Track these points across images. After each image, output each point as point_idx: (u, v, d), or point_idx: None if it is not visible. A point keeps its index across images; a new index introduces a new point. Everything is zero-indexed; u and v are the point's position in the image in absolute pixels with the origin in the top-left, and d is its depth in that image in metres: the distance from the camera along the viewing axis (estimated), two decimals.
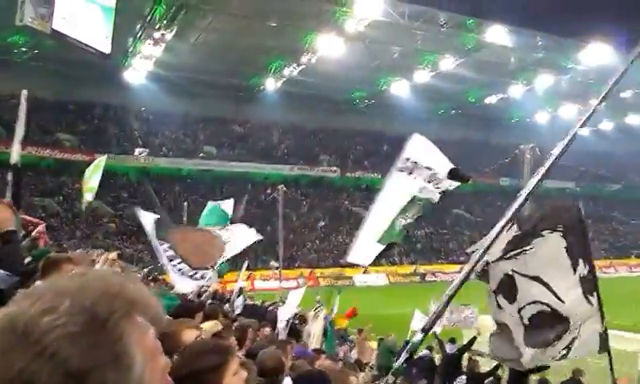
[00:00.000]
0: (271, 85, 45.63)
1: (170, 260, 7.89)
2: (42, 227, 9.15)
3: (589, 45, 41.20)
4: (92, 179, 14.71)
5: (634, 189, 61.10)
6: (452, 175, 6.07)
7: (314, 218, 45.78)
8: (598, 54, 41.00)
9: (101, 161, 14.71)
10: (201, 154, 45.77)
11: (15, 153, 6.56)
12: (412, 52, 40.43)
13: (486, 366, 11.39)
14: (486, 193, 52.82)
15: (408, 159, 6.35)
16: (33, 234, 7.48)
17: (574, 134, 3.37)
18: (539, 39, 40.99)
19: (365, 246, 6.72)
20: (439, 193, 6.10)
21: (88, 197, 14.80)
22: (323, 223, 45.55)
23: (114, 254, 7.51)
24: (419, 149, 6.56)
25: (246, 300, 14.67)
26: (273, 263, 35.52)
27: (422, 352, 11.77)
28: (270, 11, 33.98)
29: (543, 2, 56.57)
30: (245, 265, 17.20)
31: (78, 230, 35.80)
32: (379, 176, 50.10)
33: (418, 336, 3.55)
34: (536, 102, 52.38)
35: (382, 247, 6.40)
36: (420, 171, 6.33)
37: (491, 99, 52.18)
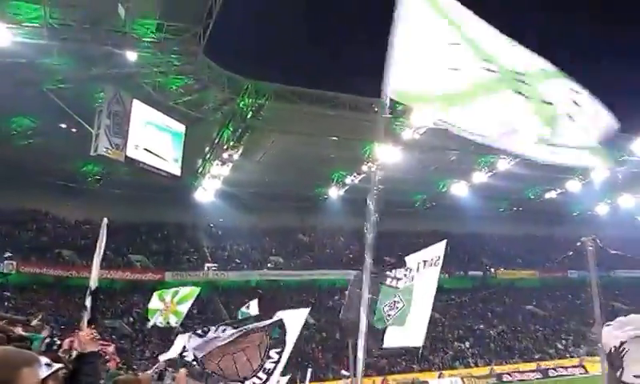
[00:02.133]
0: (334, 193, 47.43)
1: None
2: (112, 349, 9.60)
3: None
4: (181, 305, 15.49)
5: None
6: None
7: None
8: None
9: (194, 290, 15.59)
10: (268, 265, 47.15)
11: (94, 278, 6.85)
12: (468, 155, 41.70)
13: None
14: (554, 287, 51.89)
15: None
16: (104, 356, 8.05)
17: None
18: None
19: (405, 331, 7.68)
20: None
21: (172, 320, 15.16)
22: None
23: (183, 371, 7.78)
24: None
25: None
26: (343, 372, 35.18)
27: None
28: (329, 127, 36.14)
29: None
30: (309, 373, 16.47)
31: (147, 350, 35.87)
32: (447, 276, 50.13)
33: None
34: (594, 195, 52.16)
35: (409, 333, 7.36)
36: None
37: (550, 194, 52.44)
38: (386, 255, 51.49)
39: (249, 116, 34.67)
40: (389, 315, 8.88)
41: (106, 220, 7.40)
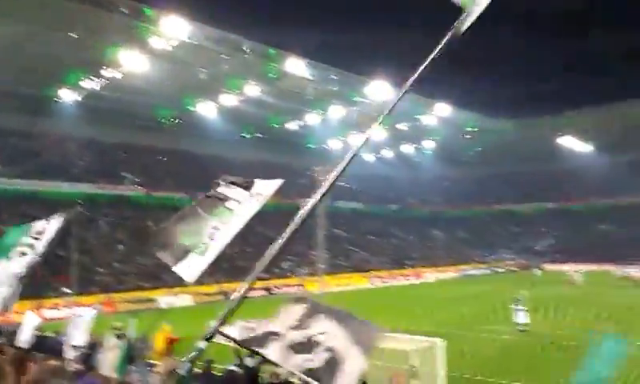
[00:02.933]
0: (68, 97, 42.80)
1: None
2: None
3: (372, 81, 46.31)
4: None
5: (409, 209, 69.55)
6: None
7: (114, 239, 43.49)
8: (379, 90, 46.38)
9: None
10: None
11: None
12: (218, 75, 41.20)
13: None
14: (287, 212, 55.48)
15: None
16: None
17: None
18: (333, 74, 44.92)
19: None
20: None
21: None
22: (123, 244, 43.44)
23: None
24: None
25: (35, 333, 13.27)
26: (65, 290, 32.35)
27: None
28: (66, 21, 32.16)
29: (333, 40, 61.84)
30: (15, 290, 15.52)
31: None
32: (187, 196, 49.66)
33: (201, 345, 3.12)
34: (330, 130, 56.97)
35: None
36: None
37: (291, 125, 55.63)
38: (124, 170, 49.11)
39: None
40: (204, 241, 7.62)
41: None
